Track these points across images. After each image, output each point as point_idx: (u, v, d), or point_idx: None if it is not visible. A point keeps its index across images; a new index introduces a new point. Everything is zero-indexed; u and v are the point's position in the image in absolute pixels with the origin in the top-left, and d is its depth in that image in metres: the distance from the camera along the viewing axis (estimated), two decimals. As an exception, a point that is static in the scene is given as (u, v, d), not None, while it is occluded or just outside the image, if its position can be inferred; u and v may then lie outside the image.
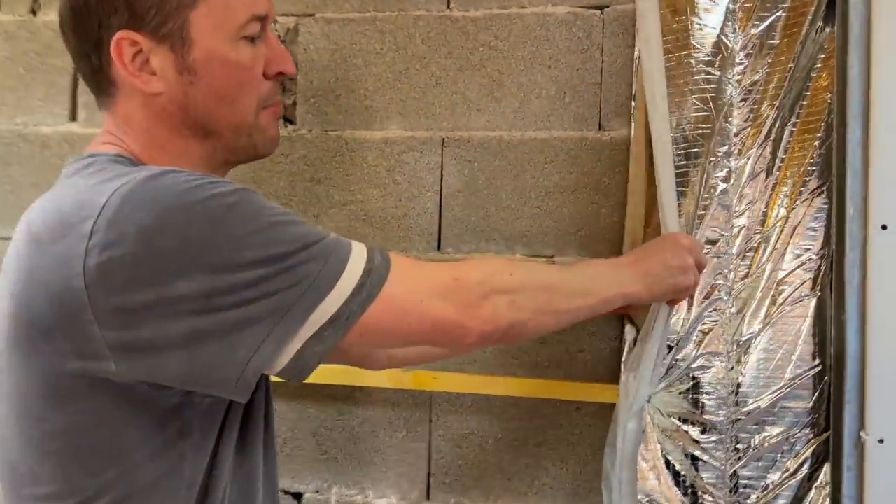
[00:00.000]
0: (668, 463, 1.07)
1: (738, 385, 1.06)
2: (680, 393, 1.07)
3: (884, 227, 0.97)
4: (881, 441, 0.96)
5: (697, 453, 1.06)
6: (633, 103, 1.11)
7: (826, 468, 1.03)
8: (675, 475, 1.07)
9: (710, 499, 1.05)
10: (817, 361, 1.04)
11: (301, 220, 0.69)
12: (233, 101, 0.75)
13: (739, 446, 1.05)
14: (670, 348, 1.07)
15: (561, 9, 1.15)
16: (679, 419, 1.07)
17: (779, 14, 1.06)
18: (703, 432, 1.06)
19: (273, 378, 0.72)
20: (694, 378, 1.07)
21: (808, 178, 1.05)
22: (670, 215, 1.01)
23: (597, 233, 1.13)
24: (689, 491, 1.06)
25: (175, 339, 0.62)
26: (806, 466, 1.04)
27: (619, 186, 1.13)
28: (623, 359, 1.09)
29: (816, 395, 1.04)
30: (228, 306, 0.63)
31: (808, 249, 1.05)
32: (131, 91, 0.73)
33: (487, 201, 1.16)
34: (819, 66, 1.05)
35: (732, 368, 1.06)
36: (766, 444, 1.04)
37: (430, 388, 1.16)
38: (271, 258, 0.64)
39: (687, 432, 1.06)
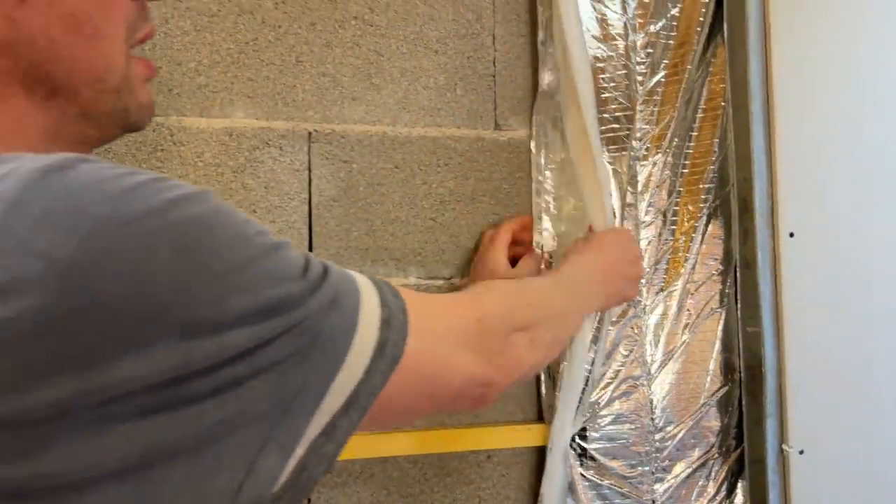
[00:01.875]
0: (598, 509, 0.94)
1: (658, 410, 0.97)
2: (604, 426, 0.95)
3: (791, 235, 0.96)
4: (801, 452, 0.94)
5: (625, 490, 0.95)
6: (539, 90, 0.97)
7: (741, 486, 0.99)
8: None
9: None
10: (728, 377, 1.00)
11: (285, 241, 0.42)
12: (94, 33, 0.44)
13: (668, 477, 0.96)
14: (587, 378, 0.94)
15: (449, -18, 0.96)
16: (605, 455, 0.95)
17: (674, 12, 1.00)
18: (631, 467, 0.95)
19: None
20: (618, 406, 0.96)
21: (711, 185, 1.01)
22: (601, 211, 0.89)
23: (499, 248, 0.97)
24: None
25: (111, 465, 0.32)
26: (724, 488, 0.99)
27: (521, 194, 0.98)
28: (543, 391, 0.94)
29: (729, 412, 0.99)
30: (203, 395, 0.34)
31: (717, 259, 1.00)
32: None
33: (371, 212, 0.92)
34: (712, 69, 1.02)
35: (653, 393, 0.97)
36: (688, 471, 0.97)
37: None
38: (269, 308, 0.37)
39: (616, 471, 0.95)
